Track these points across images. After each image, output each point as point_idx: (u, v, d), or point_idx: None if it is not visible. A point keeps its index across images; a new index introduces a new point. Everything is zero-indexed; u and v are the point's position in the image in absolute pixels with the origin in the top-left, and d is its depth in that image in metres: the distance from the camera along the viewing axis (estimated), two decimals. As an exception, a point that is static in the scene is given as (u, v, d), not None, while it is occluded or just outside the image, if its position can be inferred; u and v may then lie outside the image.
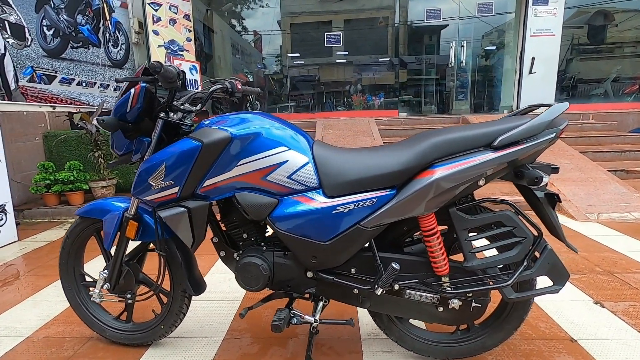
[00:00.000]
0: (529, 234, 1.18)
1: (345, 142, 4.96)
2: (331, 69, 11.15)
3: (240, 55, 12.71)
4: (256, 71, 11.06)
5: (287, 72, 11.50)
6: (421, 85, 10.05)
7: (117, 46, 5.83)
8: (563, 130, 1.15)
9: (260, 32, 12.42)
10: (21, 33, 4.09)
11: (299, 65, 11.81)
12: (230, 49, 11.80)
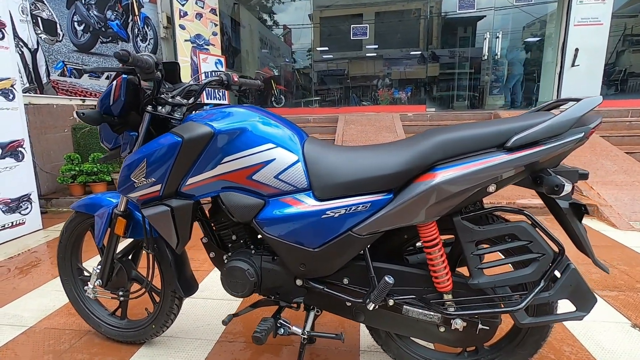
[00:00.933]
0: (548, 250, 1.01)
1: (367, 138, 4.79)
2: (360, 63, 10.93)
3: (269, 49, 12.74)
4: (282, 65, 11.02)
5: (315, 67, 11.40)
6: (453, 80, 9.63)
7: (146, 41, 5.96)
8: (595, 130, 0.96)
9: (290, 26, 12.37)
10: (53, 29, 4.25)
11: (327, 59, 11.67)
12: (258, 43, 11.83)
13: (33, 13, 3.98)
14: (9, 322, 1.76)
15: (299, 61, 12.07)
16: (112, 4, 5.19)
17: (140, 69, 1.07)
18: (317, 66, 11.53)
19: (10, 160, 2.89)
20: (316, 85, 10.58)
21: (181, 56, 6.19)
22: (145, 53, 1.09)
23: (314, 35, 12.15)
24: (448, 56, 10.14)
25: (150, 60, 1.08)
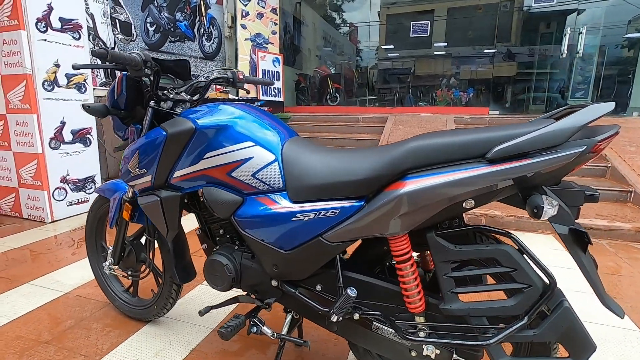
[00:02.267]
0: (536, 281, 0.86)
1: (414, 140, 4.58)
2: (427, 61, 10.48)
3: (332, 47, 12.80)
4: (342, 64, 11.00)
5: (379, 65, 11.20)
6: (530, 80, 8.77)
7: (210, 40, 6.37)
8: (604, 143, 0.80)
9: (356, 24, 12.30)
10: (128, 30, 4.75)
11: (393, 57, 11.39)
12: (321, 41, 11.96)
13: (112, 16, 4.49)
14: (52, 287, 2.02)
15: (364, 59, 11.96)
16: (181, 6, 5.64)
17: (130, 66, 1.13)
18: (382, 64, 11.31)
19: (80, 145, 3.30)
20: (377, 84, 10.39)
21: (241, 54, 6.51)
22: (135, 51, 1.15)
23: (380, 33, 11.93)
24: (527, 54, 9.26)
25: (137, 57, 1.14)
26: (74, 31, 3.16)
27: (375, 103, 9.05)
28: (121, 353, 1.48)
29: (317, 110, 7.33)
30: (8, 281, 2.07)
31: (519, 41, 9.41)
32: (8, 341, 1.55)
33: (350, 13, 12.06)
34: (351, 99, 9.18)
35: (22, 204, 3.19)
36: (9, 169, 3.17)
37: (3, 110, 3.06)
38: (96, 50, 1.02)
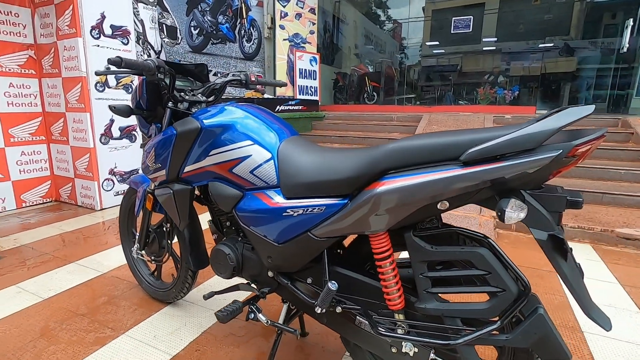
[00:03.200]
0: (511, 286, 0.85)
1: (447, 140, 4.45)
2: (474, 58, 10.05)
3: (373, 45, 12.68)
4: (382, 61, 10.85)
5: (423, 62, 10.93)
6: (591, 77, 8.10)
7: (250, 41, 6.61)
8: (583, 147, 0.77)
9: (400, 20, 12.10)
10: (174, 34, 5.09)
11: (437, 54, 11.06)
12: (362, 39, 11.89)
13: (160, 21, 4.83)
14: (93, 267, 2.27)
15: (406, 57, 11.72)
16: (224, 9, 5.92)
17: (145, 71, 1.26)
18: (425, 62, 11.02)
19: (126, 141, 3.62)
20: (418, 82, 10.15)
21: (279, 54, 6.69)
22: (149, 58, 1.28)
23: (425, 29, 11.60)
24: (588, 48, 8.56)
25: (150, 64, 1.27)
26: (123, 37, 3.47)
27: (414, 101, 8.84)
28: (142, 329, 1.65)
29: (352, 109, 7.33)
30: (59, 260, 2.36)
31: (580, 34, 8.71)
32: (53, 311, 1.78)
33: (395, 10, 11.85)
34: (389, 97, 9.06)
35: (77, 192, 3.58)
36: (67, 161, 3.56)
37: (63, 109, 3.45)
38: (111, 58, 1.15)
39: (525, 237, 2.86)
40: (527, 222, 0.83)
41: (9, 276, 2.13)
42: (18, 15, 3.35)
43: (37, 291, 1.96)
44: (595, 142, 0.80)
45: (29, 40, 3.45)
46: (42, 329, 1.64)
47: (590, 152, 0.85)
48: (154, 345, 1.54)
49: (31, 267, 2.25)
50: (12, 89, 3.36)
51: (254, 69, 6.79)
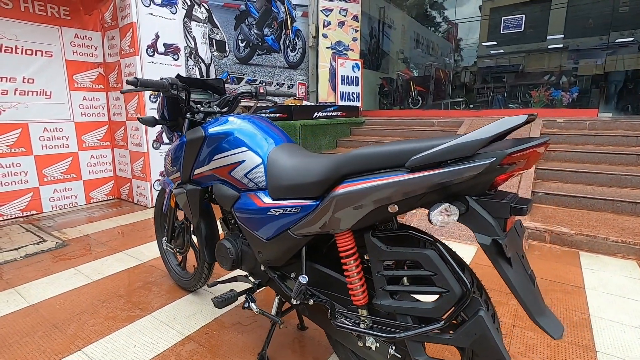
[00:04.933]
0: (455, 287, 0.89)
1: (487, 145, 4.26)
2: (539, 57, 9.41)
3: (424, 48, 12.42)
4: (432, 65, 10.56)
5: (478, 63, 10.49)
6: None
7: (295, 50, 6.91)
8: (519, 155, 0.80)
9: (455, 21, 11.75)
10: (223, 47, 5.52)
11: (496, 54, 10.55)
12: (411, 43, 11.71)
13: (210, 37, 5.29)
14: (136, 256, 2.59)
15: (462, 58, 11.33)
16: (269, 22, 6.28)
17: (158, 89, 1.47)
18: (482, 62, 10.56)
19: (175, 146, 4.03)
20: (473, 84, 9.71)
21: (321, 62, 6.90)
22: (164, 77, 1.49)
23: (482, 29, 11.12)
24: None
25: (165, 82, 1.47)
26: (174, 53, 3.88)
27: (463, 106, 8.51)
28: (165, 312, 1.88)
29: (394, 114, 7.28)
30: (110, 249, 2.73)
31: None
32: (99, 291, 2.10)
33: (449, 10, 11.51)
34: (437, 101, 8.81)
35: (134, 191, 4.05)
36: (127, 163, 4.06)
37: (124, 118, 3.94)
38: (129, 79, 1.37)
39: (559, 251, 2.68)
40: (471, 227, 0.87)
41: (71, 260, 2.52)
42: (91, 39, 3.92)
43: (90, 274, 2.31)
44: (533, 149, 0.82)
45: (99, 60, 4.01)
46: (87, 305, 1.94)
47: (535, 159, 0.87)
48: (172, 326, 1.75)
49: (88, 253, 2.64)
50: (85, 101, 3.93)
51: (298, 77, 7.07)
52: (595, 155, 3.84)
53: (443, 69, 9.62)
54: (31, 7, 3.44)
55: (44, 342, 1.64)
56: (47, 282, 2.20)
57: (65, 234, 3.06)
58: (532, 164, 0.89)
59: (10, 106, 3.41)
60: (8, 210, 3.47)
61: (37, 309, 1.91)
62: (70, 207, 3.92)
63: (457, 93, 9.24)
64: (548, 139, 0.86)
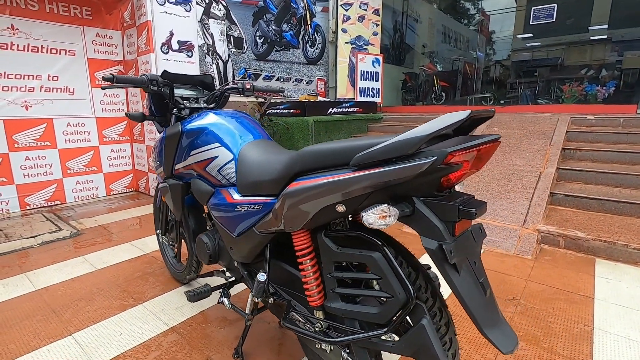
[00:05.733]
0: (399, 293, 0.84)
1: (506, 145, 4.06)
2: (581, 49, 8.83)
3: (453, 42, 12.00)
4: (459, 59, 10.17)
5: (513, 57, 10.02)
6: None
7: (314, 46, 6.87)
8: (460, 154, 0.74)
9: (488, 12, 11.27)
10: (240, 44, 5.59)
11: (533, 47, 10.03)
12: (438, 36, 11.34)
13: (228, 33, 5.36)
14: (140, 247, 2.69)
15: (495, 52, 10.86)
16: (288, 17, 6.28)
17: (133, 84, 1.48)
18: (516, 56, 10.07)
19: (188, 141, 4.13)
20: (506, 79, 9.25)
21: (340, 57, 6.82)
22: (144, 73, 1.51)
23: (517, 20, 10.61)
24: None
25: (144, 78, 1.49)
26: (188, 50, 3.97)
27: (490, 101, 8.14)
28: (156, 302, 1.93)
29: (414, 110, 7.09)
30: (119, 239, 2.84)
31: None
32: (99, 280, 2.19)
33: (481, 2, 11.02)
34: (463, 97, 8.47)
35: (150, 184, 4.21)
36: (144, 157, 4.21)
37: (141, 114, 4.09)
38: (104, 75, 1.41)
39: (573, 257, 2.50)
40: (417, 230, 0.82)
41: (81, 249, 2.65)
42: (112, 38, 4.08)
43: (94, 262, 2.42)
44: (481, 148, 0.75)
45: (119, 57, 4.17)
46: (86, 293, 2.04)
47: (486, 158, 0.80)
48: (159, 316, 1.80)
49: (98, 243, 2.77)
50: (105, 97, 4.12)
51: (317, 73, 7.04)
52: (626, 155, 3.54)
53: (470, 63, 9.23)
54: (55, 8, 3.63)
55: (40, 325, 1.73)
56: (55, 268, 2.33)
57: (82, 223, 3.23)
58: (482, 164, 0.82)
59: (37, 102, 3.63)
60: (34, 200, 3.71)
61: (41, 294, 2.03)
62: (92, 198, 4.12)
63: (485, 88, 8.85)
64: (497, 137, 0.79)
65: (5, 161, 3.49)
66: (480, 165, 0.82)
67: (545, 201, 2.99)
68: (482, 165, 0.83)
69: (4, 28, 3.36)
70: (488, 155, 0.81)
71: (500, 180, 3.39)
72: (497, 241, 2.67)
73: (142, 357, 1.51)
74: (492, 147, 0.79)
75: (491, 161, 3.75)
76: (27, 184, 3.64)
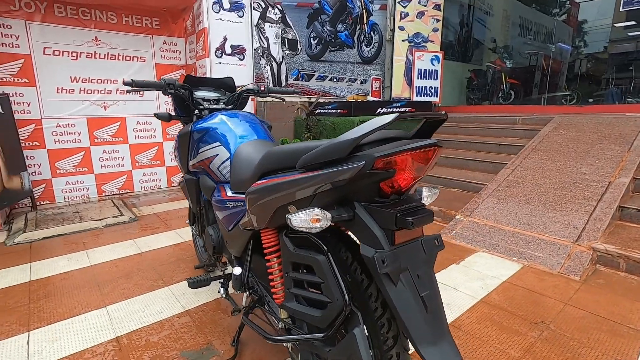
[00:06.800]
0: (338, 298, 0.83)
1: (574, 148, 3.59)
2: None
3: (533, 34, 10.92)
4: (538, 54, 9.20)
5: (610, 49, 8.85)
6: None
7: (370, 45, 6.79)
8: (389, 159, 0.71)
9: (577, 0, 10.12)
10: (294, 46, 5.76)
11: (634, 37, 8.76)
12: (513, 29, 10.41)
13: (282, 36, 5.57)
14: (181, 235, 2.94)
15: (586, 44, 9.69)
16: (343, 17, 6.29)
17: (149, 89, 1.63)
18: (615, 48, 8.87)
19: (238, 139, 4.40)
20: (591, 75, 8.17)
21: (396, 56, 6.65)
22: (163, 77, 1.66)
23: (616, 6, 9.33)
24: None
25: (162, 82, 1.64)
26: (240, 54, 4.23)
27: (571, 100, 7.23)
28: (180, 286, 2.12)
29: (477, 110, 6.61)
30: (165, 227, 3.15)
31: None
32: (141, 261, 2.46)
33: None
34: (533, 95, 7.66)
35: (203, 178, 4.57)
36: (199, 153, 4.59)
37: (198, 113, 4.46)
38: (125, 80, 1.57)
39: (635, 283, 2.14)
40: (357, 236, 0.80)
41: (134, 233, 3.00)
42: (176, 44, 4.51)
43: (141, 246, 2.73)
44: (416, 153, 0.71)
45: (182, 62, 4.60)
46: (127, 272, 2.31)
47: (426, 163, 0.75)
48: (179, 299, 1.97)
49: (148, 229, 3.10)
50: (169, 99, 4.56)
51: (373, 72, 6.95)
52: None
53: (551, 58, 8.28)
54: (130, 21, 4.14)
55: (84, 296, 2.02)
56: (109, 248, 2.68)
57: (141, 211, 3.64)
58: (424, 170, 0.77)
59: (113, 103, 4.17)
60: (109, 188, 4.27)
61: (93, 269, 2.35)
62: (155, 189, 4.62)
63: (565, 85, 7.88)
64: (434, 142, 0.73)
65: (87, 154, 4.08)
66: (422, 172, 0.77)
67: (610, 216, 2.60)
68: (425, 172, 0.78)
69: (89, 40, 3.92)
70: (428, 161, 0.75)
71: (558, 190, 3.02)
72: (541, 257, 2.40)
73: (154, 334, 1.67)
74: (429, 153, 0.74)
75: (549, 168, 3.36)
76: (104, 173, 4.22)
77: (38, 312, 1.86)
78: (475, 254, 2.54)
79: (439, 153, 0.77)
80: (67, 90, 3.88)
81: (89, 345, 1.60)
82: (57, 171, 3.94)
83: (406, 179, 0.76)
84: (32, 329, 1.72)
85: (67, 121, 3.93)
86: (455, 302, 1.92)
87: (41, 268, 2.35)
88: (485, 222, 2.89)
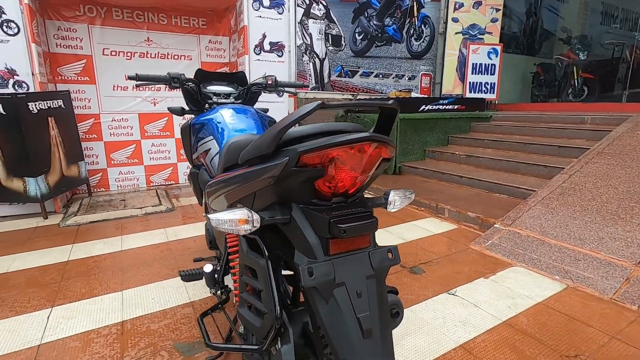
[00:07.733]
0: (271, 310, 0.74)
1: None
2: None
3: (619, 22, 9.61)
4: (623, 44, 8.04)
5: None
6: None
7: (420, 39, 6.44)
8: (315, 155, 0.61)
9: None
10: (338, 41, 5.66)
11: None
12: (594, 16, 9.22)
13: (326, 32, 5.50)
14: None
15: None
16: (391, 11, 6.04)
17: (153, 83, 1.65)
18: None
19: (275, 136, 4.44)
20: None
21: (449, 49, 6.24)
22: (171, 71, 1.67)
23: None
24: None
25: (166, 76, 1.65)
26: (278, 51, 4.25)
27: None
28: (192, 277, 2.17)
29: (538, 108, 5.95)
30: (195, 218, 3.28)
31: None
32: (164, 249, 2.58)
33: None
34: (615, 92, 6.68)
35: (241, 173, 4.69)
36: (239, 149, 4.72)
37: (239, 110, 4.58)
38: (128, 75, 1.61)
39: None
40: (293, 242, 0.71)
41: (166, 222, 3.16)
42: (221, 43, 4.68)
43: (170, 235, 2.86)
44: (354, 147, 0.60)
45: (226, 60, 4.75)
46: (149, 259, 2.42)
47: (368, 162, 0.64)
48: (188, 289, 2.02)
49: (180, 219, 3.25)
50: (213, 95, 4.75)
51: (422, 68, 6.60)
52: None
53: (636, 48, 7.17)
54: (179, 21, 4.37)
55: (107, 278, 2.15)
56: (141, 236, 2.85)
57: (179, 202, 3.84)
58: (369, 170, 0.65)
59: (162, 99, 4.45)
60: (156, 179, 4.58)
61: (122, 253, 2.51)
62: (197, 181, 4.85)
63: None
64: (366, 136, 0.61)
65: (138, 146, 4.41)
66: (367, 171, 0.65)
67: (690, 235, 2.14)
68: (371, 171, 0.66)
69: (142, 40, 4.22)
70: (369, 159, 0.63)
71: (624, 201, 2.58)
72: (591, 278, 2.05)
73: (156, 322, 1.72)
74: (365, 149, 0.62)
75: (617, 174, 2.88)
76: (152, 165, 4.52)
77: (65, 290, 2.02)
78: (509, 268, 2.26)
79: (386, 151, 0.64)
80: (122, 88, 4.21)
81: (96, 326, 1.69)
82: (111, 162, 4.30)
83: (344, 179, 0.65)
84: (56, 305, 1.87)
85: (121, 116, 4.27)
86: (472, 321, 1.71)
87: (80, 249, 2.57)
88: (528, 233, 2.56)
